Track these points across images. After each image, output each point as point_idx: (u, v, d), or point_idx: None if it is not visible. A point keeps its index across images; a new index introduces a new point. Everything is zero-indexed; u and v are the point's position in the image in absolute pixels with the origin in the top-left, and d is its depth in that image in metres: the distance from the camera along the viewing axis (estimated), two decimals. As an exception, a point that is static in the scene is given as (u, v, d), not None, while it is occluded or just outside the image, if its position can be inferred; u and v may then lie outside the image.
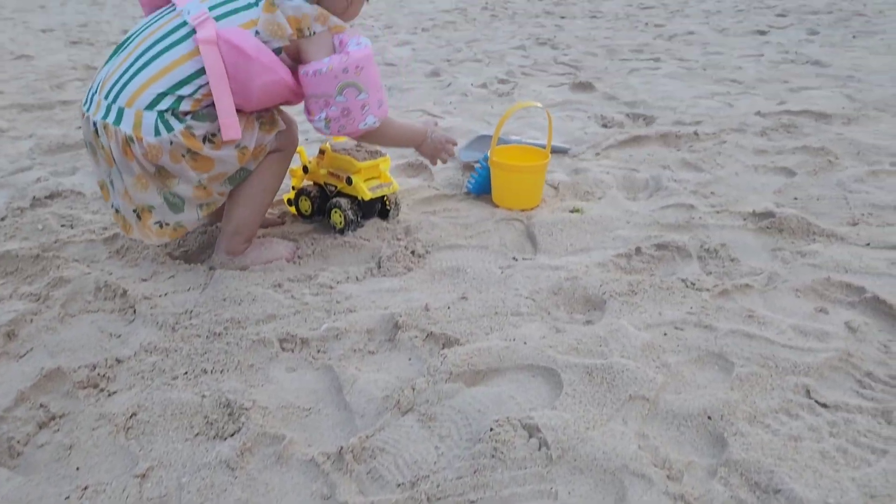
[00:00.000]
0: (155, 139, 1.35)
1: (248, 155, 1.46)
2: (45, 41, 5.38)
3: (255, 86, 1.38)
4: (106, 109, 1.38)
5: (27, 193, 2.00)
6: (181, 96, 1.36)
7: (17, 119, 2.97)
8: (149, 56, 1.38)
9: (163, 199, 1.44)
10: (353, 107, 1.43)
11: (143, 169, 1.40)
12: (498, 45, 4.56)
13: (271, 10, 1.38)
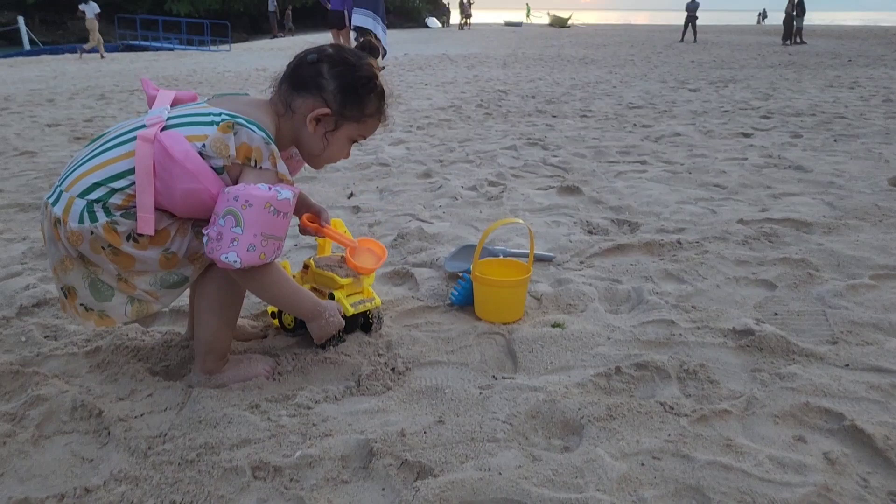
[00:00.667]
0: (77, 226, 1.38)
1: (176, 261, 1.46)
2: (49, 136, 5.53)
3: (177, 190, 1.40)
4: (53, 190, 1.44)
5: (14, 301, 2.02)
6: (114, 189, 1.40)
7: (14, 220, 3.02)
8: (101, 149, 1.45)
9: (87, 284, 1.46)
10: (225, 235, 1.38)
11: (67, 252, 1.43)
12: (490, 144, 4.69)
13: (226, 132, 1.41)
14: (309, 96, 1.51)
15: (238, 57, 18.50)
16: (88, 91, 9.34)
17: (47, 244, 1.47)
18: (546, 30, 38.10)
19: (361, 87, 1.52)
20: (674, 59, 14.91)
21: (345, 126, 1.55)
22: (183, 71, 13.36)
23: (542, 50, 18.68)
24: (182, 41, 24.46)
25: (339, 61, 1.52)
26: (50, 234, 1.44)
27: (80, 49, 18.60)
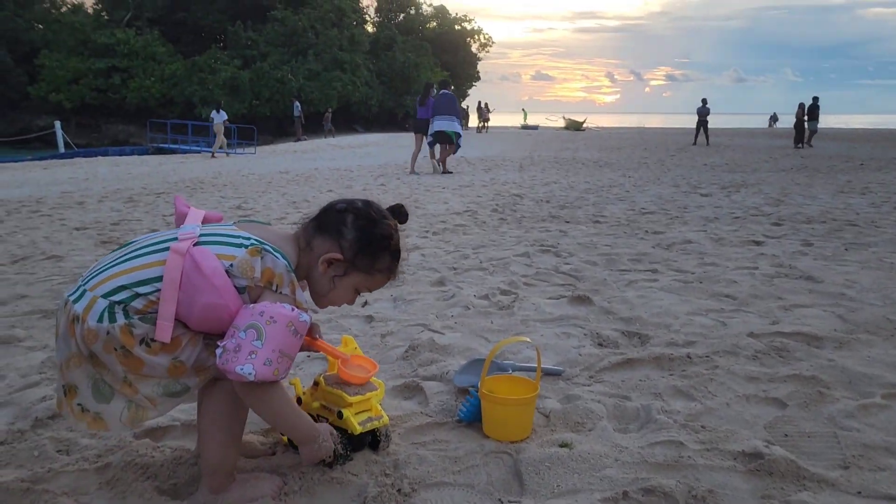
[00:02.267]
0: (95, 325, 1.44)
1: (184, 370, 1.52)
2: (76, 240, 5.71)
3: (199, 303, 1.47)
4: (76, 288, 1.50)
5: (30, 413, 2.05)
6: (138, 294, 1.47)
7: (36, 327, 3.10)
8: (132, 255, 1.54)
9: (90, 384, 1.49)
10: (244, 347, 1.44)
11: (78, 349, 1.47)
12: (504, 251, 4.78)
13: (253, 255, 1.52)
14: (328, 239, 1.63)
15: (263, 160, 19.19)
16: (117, 194, 9.68)
17: (58, 340, 1.52)
18: (562, 133, 39.25)
19: (376, 243, 1.65)
20: (687, 161, 15.25)
21: (353, 275, 1.66)
22: (209, 173, 13.85)
23: (557, 153, 19.20)
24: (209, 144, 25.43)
25: (363, 216, 1.65)
26: (64, 331, 1.49)
27: (211, 150, 21.44)
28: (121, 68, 36.55)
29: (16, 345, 2.82)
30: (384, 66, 43.56)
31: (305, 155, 21.12)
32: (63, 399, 1.53)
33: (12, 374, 2.44)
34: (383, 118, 44.11)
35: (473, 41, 53.00)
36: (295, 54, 37.86)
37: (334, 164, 15.67)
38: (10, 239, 5.77)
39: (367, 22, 48.62)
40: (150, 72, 36.71)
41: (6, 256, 4.93)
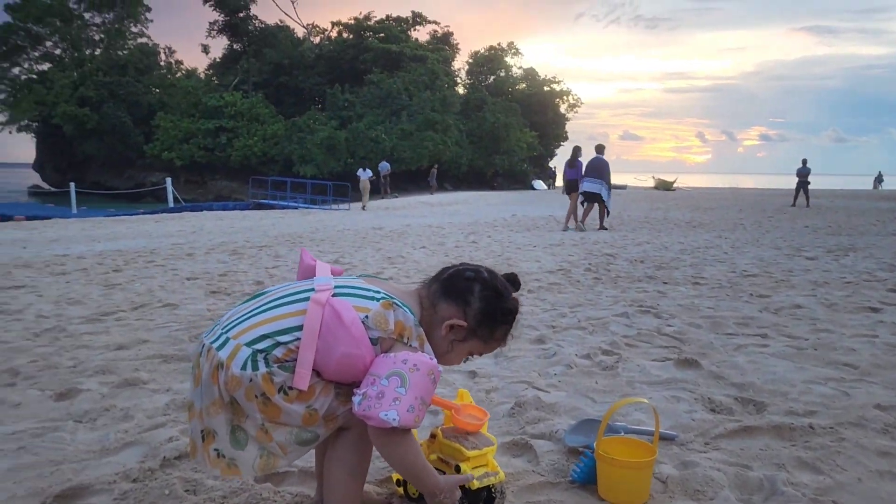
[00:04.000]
0: (239, 372, 1.50)
1: (317, 418, 1.57)
2: (188, 289, 6.03)
3: (337, 352, 1.53)
4: (217, 336, 1.58)
5: (159, 453, 2.17)
6: (279, 342, 1.54)
7: (158, 370, 3.28)
8: (271, 305, 1.63)
9: (228, 430, 1.54)
10: (388, 394, 1.49)
11: (220, 395, 1.53)
12: (601, 310, 4.72)
13: (387, 308, 1.59)
14: (453, 306, 1.68)
15: (356, 216, 19.81)
16: (223, 247, 10.19)
17: (201, 386, 1.59)
18: (651, 192, 38.66)
19: (501, 318, 1.70)
20: (786, 223, 14.68)
21: (472, 341, 1.71)
22: (307, 228, 14.39)
23: (647, 213, 18.90)
24: (306, 200, 26.53)
25: (491, 287, 1.70)
26: (207, 377, 1.57)
27: (363, 205, 23.70)
28: (227, 128, 38.90)
29: (141, 387, 2.98)
30: (474, 127, 44.43)
31: (397, 212, 21.66)
32: (199, 444, 1.59)
33: (140, 415, 2.58)
34: (472, 177, 44.79)
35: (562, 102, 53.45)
36: (389, 115, 39.26)
37: (425, 221, 15.98)
38: (130, 287, 6.15)
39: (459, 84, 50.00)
40: (253, 132, 38.88)
41: (127, 303, 5.26)
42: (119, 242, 11.36)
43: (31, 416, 2.62)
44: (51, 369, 3.28)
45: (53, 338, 4.00)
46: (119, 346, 3.78)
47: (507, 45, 52.49)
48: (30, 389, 2.95)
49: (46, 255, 9.25)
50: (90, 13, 46.16)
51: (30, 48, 45.25)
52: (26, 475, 2.04)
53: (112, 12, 46.02)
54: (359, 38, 44.95)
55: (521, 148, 45.94)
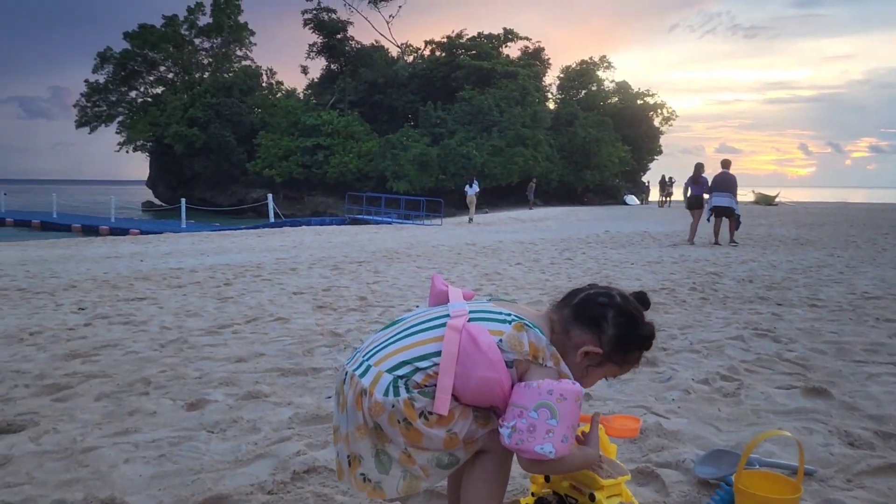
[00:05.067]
0: (381, 398, 1.53)
1: (457, 442, 1.58)
2: (296, 303, 6.23)
3: (475, 376, 1.54)
4: (359, 364, 1.62)
5: (289, 466, 2.24)
6: (418, 368, 1.57)
7: (277, 384, 3.40)
8: (409, 332, 1.66)
9: (373, 454, 1.57)
10: (539, 427, 1.49)
11: (364, 421, 1.56)
12: (713, 333, 4.55)
13: (519, 331, 1.60)
14: (587, 332, 1.66)
15: (449, 231, 19.98)
16: (323, 262, 10.49)
17: (347, 411, 1.64)
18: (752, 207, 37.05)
19: (637, 344, 1.69)
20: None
21: (606, 366, 1.70)
22: (402, 244, 14.63)
23: (749, 229, 18.12)
24: (400, 216, 27.00)
25: (625, 313, 1.68)
26: (353, 403, 1.61)
27: (469, 218, 25.51)
28: (324, 146, 40.19)
29: (263, 399, 3.10)
30: (565, 142, 44.03)
31: (488, 227, 21.70)
32: (346, 468, 1.64)
33: (266, 428, 2.68)
34: (563, 192, 44.35)
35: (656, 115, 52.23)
36: (480, 131, 39.47)
37: (517, 237, 15.93)
38: (241, 300, 6.43)
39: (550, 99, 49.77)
40: (348, 149, 39.99)
41: (240, 316, 5.49)
42: (226, 256, 11.90)
43: (165, 424, 2.77)
44: (179, 380, 3.46)
45: (178, 349, 4.22)
46: (238, 358, 3.94)
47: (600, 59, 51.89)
48: (162, 399, 3.12)
49: (162, 268, 9.80)
50: (200, 39, 48.97)
51: (145, 73, 48.44)
52: (169, 483, 2.15)
53: (220, 37, 48.63)
54: (451, 55, 45.52)
55: (613, 163, 45.13)
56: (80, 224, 26.95)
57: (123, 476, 2.19)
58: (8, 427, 2.70)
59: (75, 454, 2.39)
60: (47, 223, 28.51)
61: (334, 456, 1.71)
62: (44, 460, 2.35)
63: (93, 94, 47.67)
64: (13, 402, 3.10)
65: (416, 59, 49.22)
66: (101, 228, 25.19)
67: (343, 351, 4.10)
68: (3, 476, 2.22)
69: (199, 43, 49.22)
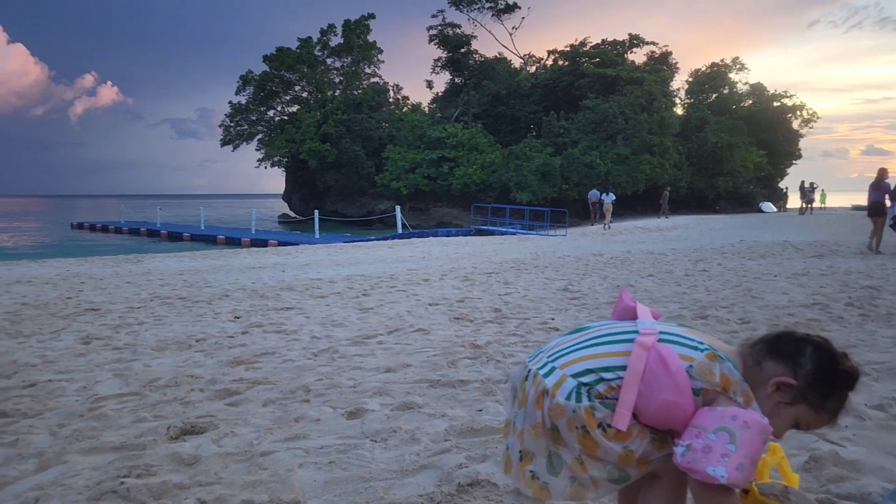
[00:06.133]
0: (563, 401, 1.55)
1: (632, 459, 1.57)
2: (433, 314, 6.38)
3: (658, 397, 1.53)
4: (544, 364, 1.65)
5: (453, 478, 2.30)
6: (602, 378, 1.58)
7: (427, 395, 3.50)
8: (596, 342, 1.68)
9: (546, 454, 1.59)
10: (715, 449, 1.45)
11: (542, 420, 1.58)
12: (881, 354, 4.22)
13: (712, 360, 1.56)
14: (781, 364, 1.60)
15: (573, 241, 19.73)
16: (453, 273, 10.67)
17: (525, 408, 1.67)
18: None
19: (837, 381, 1.59)
20: None
21: (799, 406, 1.60)
22: (528, 254, 14.61)
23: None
24: (524, 226, 26.97)
25: (826, 350, 1.61)
26: (533, 401, 1.65)
27: (606, 225, 26.75)
28: (449, 158, 40.88)
29: (417, 410, 3.20)
30: (694, 148, 42.31)
31: (614, 237, 21.23)
32: (516, 463, 1.69)
33: (425, 439, 2.77)
34: (692, 200, 42.59)
35: (794, 117, 49.11)
36: (604, 139, 38.73)
37: (645, 247, 15.48)
38: (381, 311, 6.66)
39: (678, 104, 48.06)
40: (472, 160, 40.43)
41: (382, 327, 5.69)
42: (360, 267, 12.37)
43: (330, 432, 2.92)
44: (335, 388, 3.64)
45: (330, 358, 4.44)
46: (387, 368, 4.09)
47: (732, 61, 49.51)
48: (323, 406, 3.30)
49: (303, 278, 10.33)
50: (332, 58, 51.34)
51: (282, 93, 51.36)
52: (343, 489, 2.28)
53: (350, 56, 50.77)
54: (574, 64, 45.01)
55: (747, 168, 42.81)
56: (224, 236, 28.88)
57: (300, 480, 2.34)
58: (192, 428, 2.95)
59: (254, 457, 2.58)
60: (196, 235, 30.81)
61: (503, 450, 1.76)
62: (228, 462, 2.55)
63: (235, 114, 51.09)
64: (192, 405, 3.38)
65: (538, 70, 49.08)
66: (243, 240, 26.88)
67: (486, 363, 4.16)
68: (195, 475, 2.44)
69: (331, 62, 51.60)
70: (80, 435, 2.89)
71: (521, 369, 1.74)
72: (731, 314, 5.92)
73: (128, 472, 2.43)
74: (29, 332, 5.73)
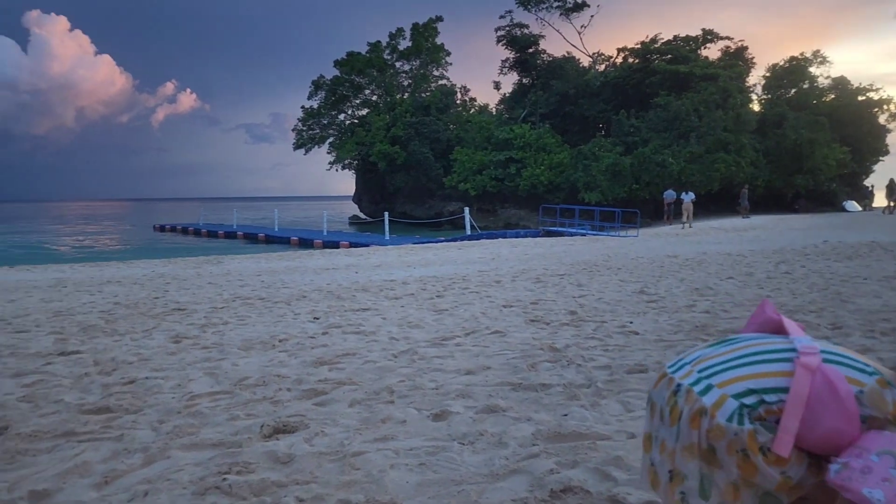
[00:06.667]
0: (724, 423, 1.47)
1: (788, 485, 1.49)
2: (507, 316, 6.38)
3: (824, 424, 1.44)
4: (696, 379, 1.57)
5: (545, 484, 2.30)
6: (764, 400, 1.49)
7: (510, 398, 3.50)
8: (753, 359, 1.58)
9: (698, 477, 1.52)
10: (877, 472, 1.35)
11: (697, 441, 1.51)
12: None
13: (884, 387, 1.47)
14: None
15: (646, 242, 19.34)
16: (524, 274, 10.63)
17: (678, 426, 1.59)
18: None
19: None
20: None
21: None
22: (599, 255, 14.41)
23: None
24: (594, 227, 26.62)
25: None
26: (687, 419, 1.58)
27: (686, 224, 27.03)
28: (516, 159, 40.76)
29: (502, 414, 3.21)
30: (771, 145, 40.78)
31: (688, 238, 20.70)
32: (665, 482, 1.62)
33: (512, 443, 2.78)
34: (770, 200, 41.08)
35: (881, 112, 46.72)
36: (676, 138, 37.80)
37: (722, 248, 15.03)
38: (456, 312, 6.70)
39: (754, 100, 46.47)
40: (540, 161, 40.18)
41: (458, 328, 5.73)
42: (431, 269, 12.46)
43: (417, 433, 2.97)
44: (418, 390, 3.69)
45: (410, 360, 4.50)
46: (467, 371, 4.12)
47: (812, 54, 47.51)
48: (408, 408, 3.35)
49: (377, 279, 10.49)
50: (401, 62, 52.00)
51: (352, 96, 52.31)
52: (436, 492, 2.31)
53: (418, 59, 51.28)
54: (644, 61, 44.09)
55: (829, 166, 40.97)
56: (297, 237, 29.60)
57: (393, 481, 2.39)
58: (284, 427, 3.05)
59: (346, 457, 2.64)
60: (270, 236, 31.71)
61: (647, 464, 1.69)
62: (321, 461, 2.62)
63: (308, 118, 52.31)
64: (281, 404, 3.49)
65: (607, 68, 48.34)
66: (316, 242, 27.49)
67: (566, 367, 4.13)
68: (291, 473, 2.52)
69: (400, 66, 52.27)
70: (179, 431, 3.02)
71: (667, 382, 1.68)
72: (820, 319, 5.70)
73: (228, 468, 2.53)
74: (123, 331, 6.02)
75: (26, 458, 2.77)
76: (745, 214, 32.74)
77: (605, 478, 2.34)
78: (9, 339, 5.68)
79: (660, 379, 1.68)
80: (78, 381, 4.10)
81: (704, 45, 46.30)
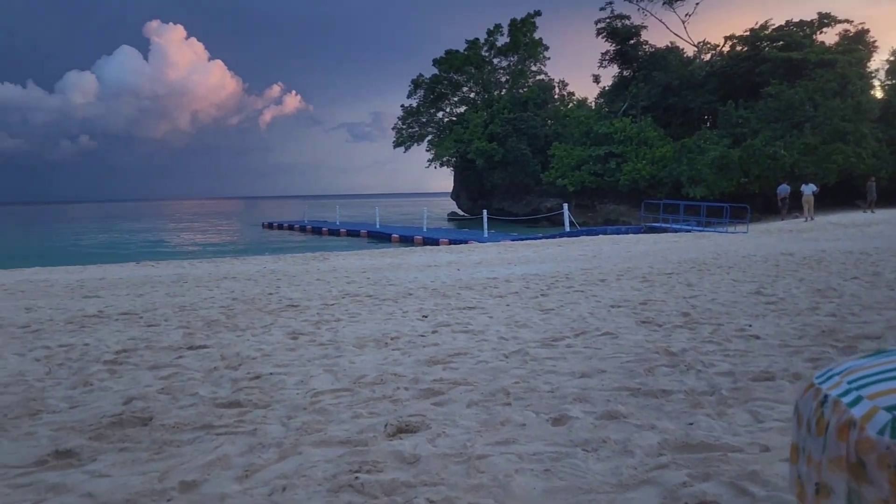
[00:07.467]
0: (875, 436, 1.39)
1: None
2: (616, 317, 6.25)
3: None
4: (845, 390, 1.50)
5: (678, 497, 2.25)
6: None
7: (629, 404, 3.43)
8: None
9: (846, 491, 1.44)
10: None
11: (847, 454, 1.44)
12: None
13: None
14: None
15: (756, 239, 18.46)
16: (629, 272, 10.39)
17: (825, 438, 1.56)
18: None
19: None
20: None
21: None
22: (706, 253, 13.88)
23: None
24: (700, 223, 25.66)
25: None
26: (835, 431, 1.53)
27: (807, 217, 26.63)
28: (616, 153, 39.88)
29: (623, 420, 3.15)
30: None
31: (802, 235, 19.60)
32: (811, 495, 1.58)
33: (638, 452, 2.72)
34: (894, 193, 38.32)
35: None
36: (789, 129, 35.82)
37: (842, 246, 14.13)
38: (562, 312, 6.63)
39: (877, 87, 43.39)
40: (641, 155, 39.13)
41: (567, 329, 5.66)
42: (532, 266, 12.39)
43: (537, 437, 2.96)
44: (533, 392, 3.68)
45: (522, 360, 4.49)
46: (582, 373, 4.07)
47: (945, 34, 43.84)
48: (525, 411, 3.34)
49: (479, 277, 10.53)
50: (498, 58, 51.94)
51: (450, 94, 52.75)
52: (565, 500, 2.30)
53: (516, 55, 51.06)
54: (754, 49, 42.01)
55: (965, 155, 37.77)
56: (398, 234, 30.16)
57: (520, 487, 2.39)
58: (406, 427, 3.12)
59: (471, 459, 2.67)
60: (372, 233, 32.48)
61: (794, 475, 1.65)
62: (446, 463, 2.66)
63: (407, 117, 53.19)
64: (401, 403, 3.57)
65: (713, 57, 46.42)
66: (416, 238, 27.91)
67: (686, 373, 4.01)
68: (418, 474, 2.57)
69: (498, 62, 52.17)
70: (308, 428, 3.15)
71: (814, 392, 1.63)
72: None
73: (358, 467, 2.62)
74: (244, 327, 6.33)
75: (171, 448, 2.96)
76: (870, 209, 30.62)
77: (742, 493, 2.25)
78: (143, 333, 6.10)
79: (807, 389, 1.62)
80: (208, 375, 4.35)
81: (820, 29, 43.64)
